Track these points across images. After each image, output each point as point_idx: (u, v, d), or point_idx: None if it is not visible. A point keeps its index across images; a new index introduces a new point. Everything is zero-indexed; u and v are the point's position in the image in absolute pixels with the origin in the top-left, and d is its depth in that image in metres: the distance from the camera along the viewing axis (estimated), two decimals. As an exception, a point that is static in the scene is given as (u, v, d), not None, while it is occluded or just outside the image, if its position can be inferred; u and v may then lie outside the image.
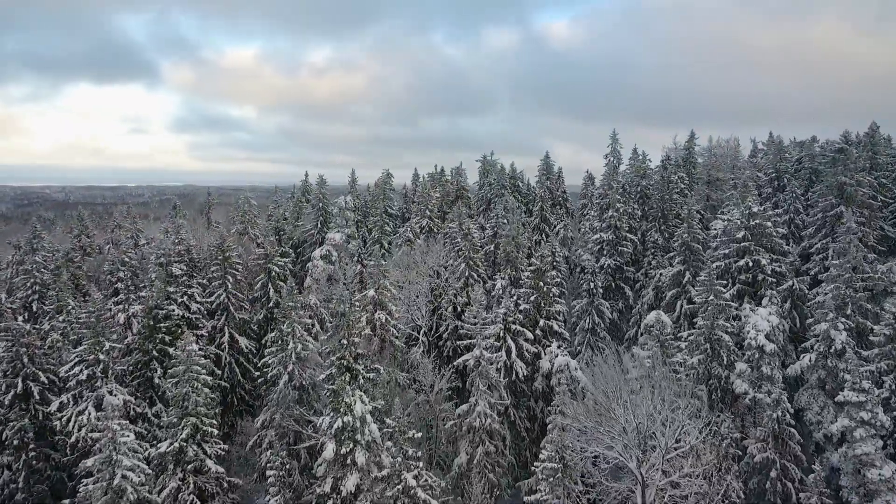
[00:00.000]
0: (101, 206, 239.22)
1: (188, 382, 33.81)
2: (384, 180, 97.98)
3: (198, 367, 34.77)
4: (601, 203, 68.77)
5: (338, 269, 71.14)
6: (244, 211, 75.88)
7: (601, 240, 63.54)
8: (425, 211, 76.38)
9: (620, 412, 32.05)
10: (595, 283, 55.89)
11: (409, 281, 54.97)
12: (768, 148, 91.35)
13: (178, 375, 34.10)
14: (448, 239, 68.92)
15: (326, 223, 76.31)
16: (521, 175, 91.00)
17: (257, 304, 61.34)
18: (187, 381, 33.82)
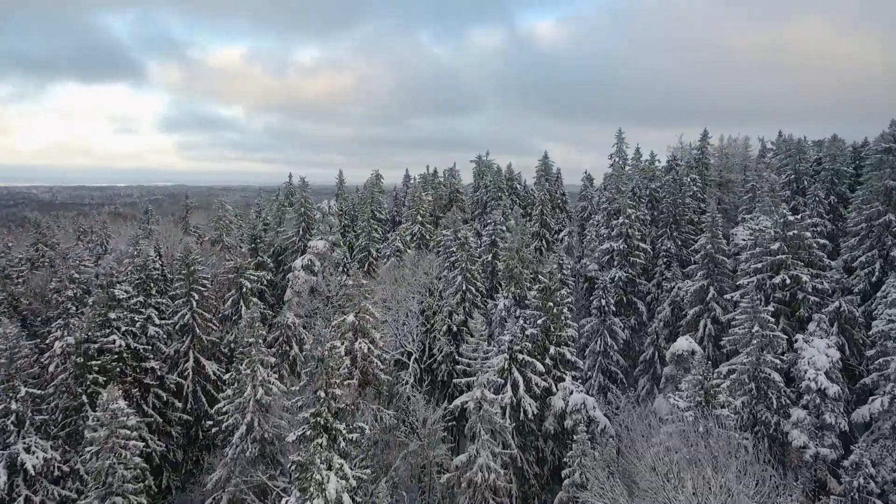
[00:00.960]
0: (88, 206, 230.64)
1: (112, 452, 26.11)
2: (373, 182, 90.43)
3: (126, 429, 27.09)
4: (609, 209, 61.50)
5: (321, 281, 63.60)
6: (218, 217, 68.15)
7: (611, 249, 56.26)
8: (416, 216, 68.92)
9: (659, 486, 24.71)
10: (607, 299, 48.65)
11: (398, 300, 47.47)
12: (778, 147, 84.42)
13: (97, 443, 26.32)
14: (442, 248, 61.53)
15: (309, 229, 68.78)
16: (519, 176, 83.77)
17: (227, 323, 53.76)
18: (111, 451, 26.12)
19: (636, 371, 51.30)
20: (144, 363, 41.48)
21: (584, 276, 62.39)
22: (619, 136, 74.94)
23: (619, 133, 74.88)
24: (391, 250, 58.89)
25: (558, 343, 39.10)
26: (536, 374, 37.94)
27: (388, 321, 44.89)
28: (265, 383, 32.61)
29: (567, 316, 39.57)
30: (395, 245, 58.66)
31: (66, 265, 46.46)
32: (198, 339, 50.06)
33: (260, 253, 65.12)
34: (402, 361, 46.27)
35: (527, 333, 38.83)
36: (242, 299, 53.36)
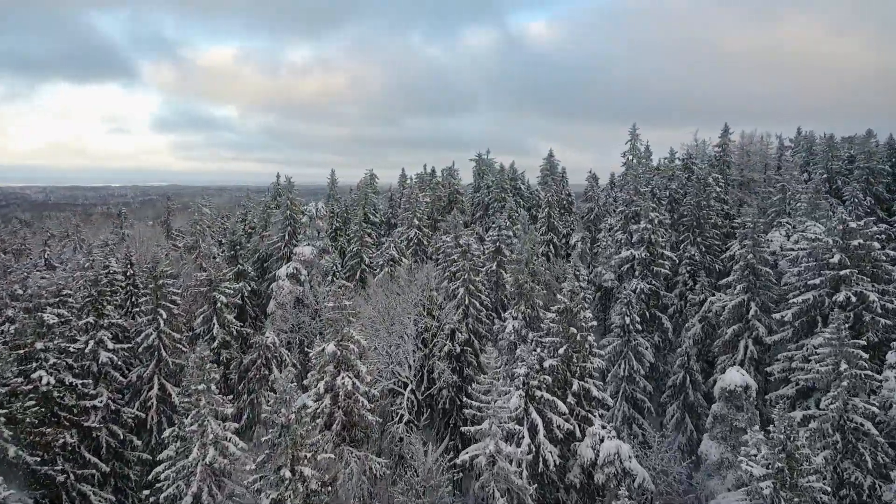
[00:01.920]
0: (82, 207, 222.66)
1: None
2: (367, 182, 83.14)
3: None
4: (626, 211, 54.31)
5: (307, 291, 56.36)
6: (195, 221, 60.80)
7: (631, 258, 49.05)
8: (413, 219, 61.63)
9: None
10: (632, 316, 41.52)
11: (391, 319, 40.22)
12: (797, 144, 77.38)
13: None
14: (441, 255, 54.30)
15: (295, 234, 61.48)
16: (523, 176, 76.56)
17: (199, 343, 46.40)
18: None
19: (663, 397, 44.19)
20: (86, 401, 34.08)
21: (598, 285, 55.25)
22: (633, 133, 67.82)
23: (633, 129, 67.76)
24: (385, 259, 51.56)
25: (582, 376, 31.87)
26: (558, 414, 30.74)
27: (377, 348, 37.62)
28: (219, 442, 25.28)
29: (592, 344, 32.31)
30: (389, 253, 51.33)
31: (6, 280, 39.08)
32: (164, 363, 42.84)
33: (240, 260, 57.79)
34: (396, 390, 39.05)
35: (545, 365, 31.59)
36: (216, 315, 46.05)
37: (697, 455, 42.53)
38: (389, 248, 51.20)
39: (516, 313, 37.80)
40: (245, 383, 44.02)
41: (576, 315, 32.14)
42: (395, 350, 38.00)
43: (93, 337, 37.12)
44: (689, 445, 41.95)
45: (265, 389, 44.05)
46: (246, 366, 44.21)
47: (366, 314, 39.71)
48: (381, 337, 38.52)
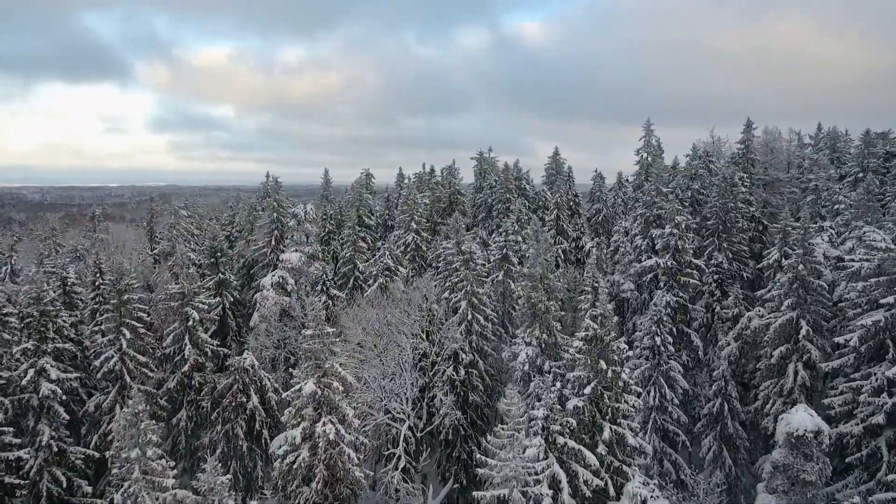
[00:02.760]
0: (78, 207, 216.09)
1: None
2: (362, 182, 76.96)
3: None
4: (647, 214, 48.16)
5: (294, 302, 50.12)
6: (172, 224, 54.55)
7: (655, 267, 42.91)
8: (411, 222, 55.43)
9: None
10: (663, 336, 35.43)
11: (385, 345, 34.05)
12: (818, 141, 71.29)
13: None
14: (442, 262, 48.15)
15: (282, 239, 55.25)
16: (528, 176, 70.34)
17: (168, 365, 40.31)
18: None
19: (697, 426, 38.10)
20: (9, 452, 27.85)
21: (615, 296, 49.11)
22: (648, 129, 61.62)
23: (648, 125, 61.56)
24: (379, 268, 45.30)
25: (615, 419, 25.71)
26: (585, 466, 24.61)
27: (368, 380, 31.43)
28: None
29: (628, 381, 26.11)
30: (384, 262, 45.07)
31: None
32: (127, 389, 36.73)
33: (222, 268, 51.49)
34: (390, 425, 32.86)
35: (569, 406, 25.45)
36: (188, 334, 39.82)
37: (736, 494, 36.56)
38: (384, 255, 45.03)
39: (529, 338, 31.64)
40: (220, 412, 37.84)
41: (607, 345, 25.96)
42: (390, 382, 31.80)
43: (32, 365, 30.92)
44: (727, 483, 35.93)
45: (242, 419, 37.94)
46: (220, 391, 38.02)
47: (355, 337, 33.54)
48: (372, 364, 32.34)
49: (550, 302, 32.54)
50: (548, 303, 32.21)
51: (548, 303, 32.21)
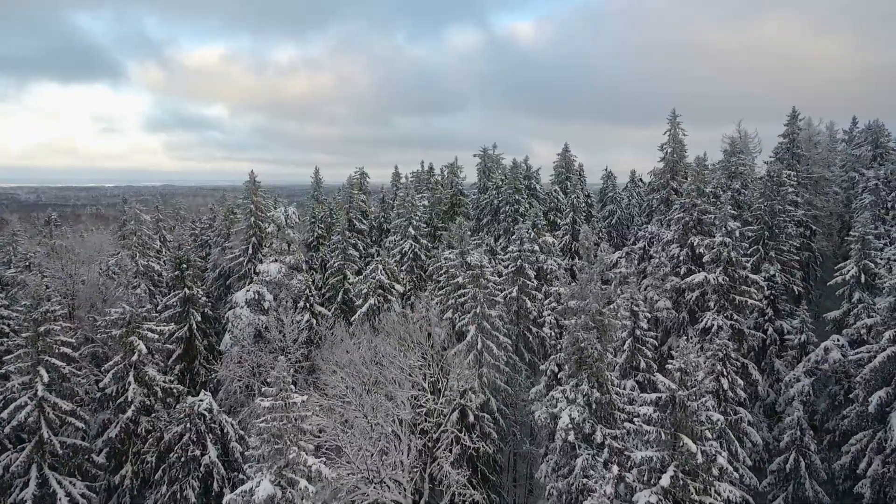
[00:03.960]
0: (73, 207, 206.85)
1: None
2: (356, 182, 68.23)
3: None
4: (686, 219, 39.66)
5: (272, 322, 41.55)
6: (130, 232, 45.88)
7: (702, 283, 34.40)
8: (408, 228, 46.85)
9: None
10: (731, 378, 27.08)
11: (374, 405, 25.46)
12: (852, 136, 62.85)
13: None
14: (444, 275, 39.65)
15: (261, 247, 46.70)
16: (538, 175, 61.75)
17: (104, 412, 31.71)
18: None
19: (763, 483, 29.69)
20: None
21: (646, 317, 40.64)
22: (673, 120, 52.97)
23: (673, 115, 52.94)
24: (369, 285, 36.49)
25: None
26: None
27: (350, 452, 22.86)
28: None
29: (724, 465, 17.64)
30: (376, 278, 36.30)
31: None
32: (48, 446, 28.21)
33: (188, 282, 42.81)
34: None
35: (638, 502, 16.94)
36: (132, 370, 31.17)
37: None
38: (377, 270, 36.34)
39: (574, 393, 23.06)
40: (165, 469, 29.30)
41: (692, 414, 17.45)
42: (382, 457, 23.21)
43: None
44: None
45: (195, 477, 29.36)
46: (168, 443, 29.48)
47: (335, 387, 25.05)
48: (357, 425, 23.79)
49: (603, 342, 23.84)
50: (601, 348, 23.51)
51: (601, 348, 23.51)
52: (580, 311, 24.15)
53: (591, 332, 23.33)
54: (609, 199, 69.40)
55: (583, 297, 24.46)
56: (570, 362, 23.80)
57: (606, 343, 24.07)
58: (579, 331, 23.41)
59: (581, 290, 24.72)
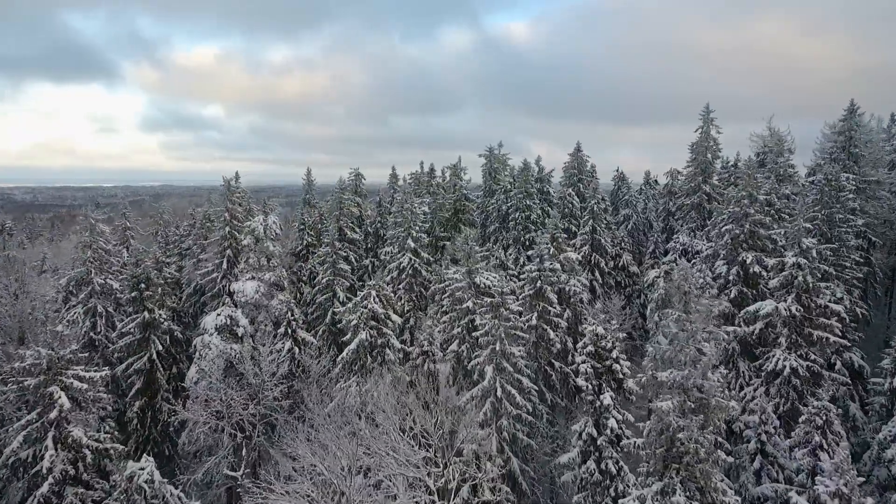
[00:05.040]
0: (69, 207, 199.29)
1: None
2: (348, 184, 61.06)
3: None
4: (735, 232, 32.44)
5: (245, 351, 34.33)
6: (86, 244, 38.62)
7: (770, 313, 27.23)
8: (407, 239, 39.58)
9: None
10: (830, 448, 19.88)
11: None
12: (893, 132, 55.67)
13: None
14: (449, 298, 32.37)
15: (237, 262, 39.54)
16: (550, 178, 54.51)
17: (23, 480, 24.45)
18: None
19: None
20: None
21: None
22: (706, 116, 45.92)
23: (707, 111, 45.88)
24: (361, 316, 29.01)
25: None
26: None
27: None
28: None
29: None
30: (368, 307, 28.84)
31: None
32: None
33: (148, 304, 35.59)
34: None
35: None
36: (54, 429, 23.93)
37: None
38: (368, 297, 28.95)
39: (663, 500, 15.84)
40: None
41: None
42: None
43: None
44: None
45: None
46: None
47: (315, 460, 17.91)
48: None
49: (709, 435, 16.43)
50: (707, 444, 16.14)
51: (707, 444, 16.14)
52: (676, 387, 16.95)
53: (691, 419, 16.17)
54: (624, 202, 62.24)
55: (678, 364, 17.24)
56: (655, 457, 16.62)
57: (711, 433, 16.88)
58: (673, 416, 16.26)
59: (675, 354, 17.51)
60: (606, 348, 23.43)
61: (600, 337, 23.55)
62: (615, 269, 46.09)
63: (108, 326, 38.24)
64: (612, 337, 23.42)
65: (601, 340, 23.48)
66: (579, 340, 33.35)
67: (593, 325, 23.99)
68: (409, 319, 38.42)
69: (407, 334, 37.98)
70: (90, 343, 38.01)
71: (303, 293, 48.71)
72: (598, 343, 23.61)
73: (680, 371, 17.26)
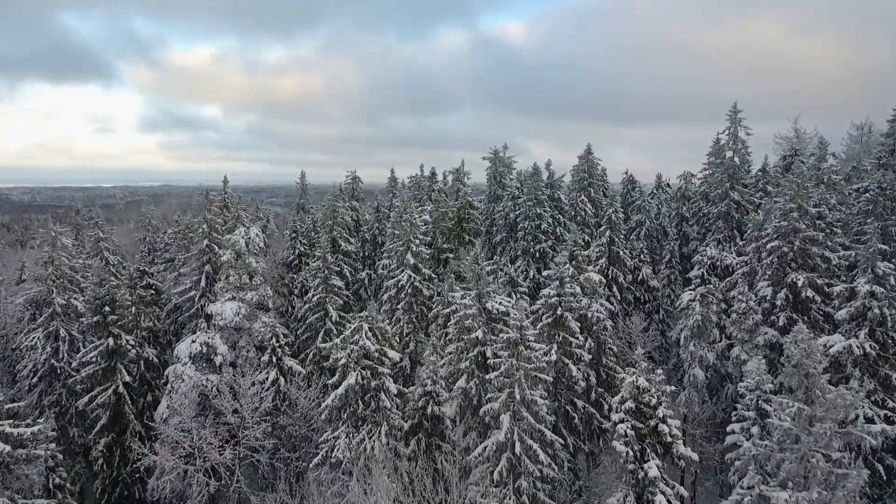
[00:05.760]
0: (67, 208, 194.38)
1: None
2: (346, 188, 56.40)
3: None
4: (783, 250, 27.73)
5: (223, 383, 29.61)
6: (46, 260, 33.81)
7: (844, 351, 22.49)
8: (406, 254, 34.80)
9: None
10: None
11: None
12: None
13: None
14: (455, 326, 27.61)
15: (216, 279, 34.80)
16: (560, 184, 49.79)
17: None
18: None
19: None
20: None
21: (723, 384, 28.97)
22: (733, 117, 41.19)
23: (734, 110, 41.18)
24: (351, 354, 23.98)
25: None
26: None
27: None
28: None
29: None
30: (360, 343, 23.86)
31: None
32: None
33: (114, 328, 30.84)
34: None
35: None
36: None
37: None
38: (360, 331, 23.93)
39: None
40: None
41: None
42: None
43: None
44: None
45: None
46: None
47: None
48: None
49: None
50: None
51: None
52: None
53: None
54: (636, 207, 57.47)
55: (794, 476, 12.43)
56: None
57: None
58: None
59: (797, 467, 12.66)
60: (650, 404, 18.75)
61: (642, 391, 18.86)
62: (633, 284, 41.40)
63: (71, 352, 33.52)
64: (657, 391, 18.75)
65: (643, 395, 18.80)
66: (602, 373, 28.79)
67: (633, 376, 19.21)
68: (408, 343, 33.75)
69: (406, 360, 33.30)
70: (51, 371, 33.35)
71: (294, 307, 44.02)
72: (639, 398, 18.91)
73: (804, 493, 12.50)
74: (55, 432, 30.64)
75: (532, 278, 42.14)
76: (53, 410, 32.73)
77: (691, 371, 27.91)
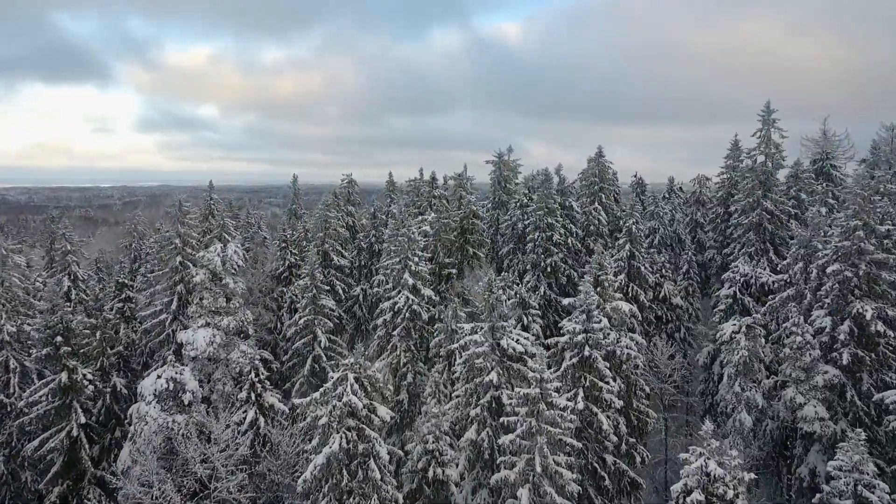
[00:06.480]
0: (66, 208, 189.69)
1: None
2: (342, 193, 51.97)
3: None
4: (843, 275, 23.23)
5: (192, 426, 25.09)
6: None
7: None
8: (403, 273, 30.21)
9: None
10: None
11: None
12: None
13: None
14: (465, 366, 23.03)
15: (189, 302, 30.29)
16: (571, 190, 45.23)
17: None
18: None
19: None
20: None
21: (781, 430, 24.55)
22: (766, 117, 36.62)
23: (767, 109, 36.62)
24: (332, 413, 19.28)
25: None
26: None
27: None
28: None
29: None
30: (344, 399, 19.31)
31: None
32: None
33: (68, 361, 26.32)
34: None
35: None
36: None
37: None
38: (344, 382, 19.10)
39: None
40: None
41: None
42: None
43: None
44: None
45: None
46: None
47: None
48: None
49: None
50: None
51: None
52: None
53: None
54: (648, 213, 52.97)
55: None
56: None
57: None
58: None
59: None
60: (725, 497, 14.03)
61: (714, 479, 14.16)
62: (654, 301, 36.92)
63: (24, 385, 28.95)
64: (732, 478, 13.99)
65: (714, 484, 14.09)
66: (633, 418, 24.28)
67: (699, 458, 14.48)
68: (405, 374, 29.21)
69: (404, 393, 28.78)
70: (0, 407, 28.78)
71: (283, 323, 39.47)
72: (709, 488, 14.20)
73: None
74: (4, 477, 26.29)
75: (543, 294, 37.72)
76: (3, 452, 28.22)
77: (737, 416, 23.44)
